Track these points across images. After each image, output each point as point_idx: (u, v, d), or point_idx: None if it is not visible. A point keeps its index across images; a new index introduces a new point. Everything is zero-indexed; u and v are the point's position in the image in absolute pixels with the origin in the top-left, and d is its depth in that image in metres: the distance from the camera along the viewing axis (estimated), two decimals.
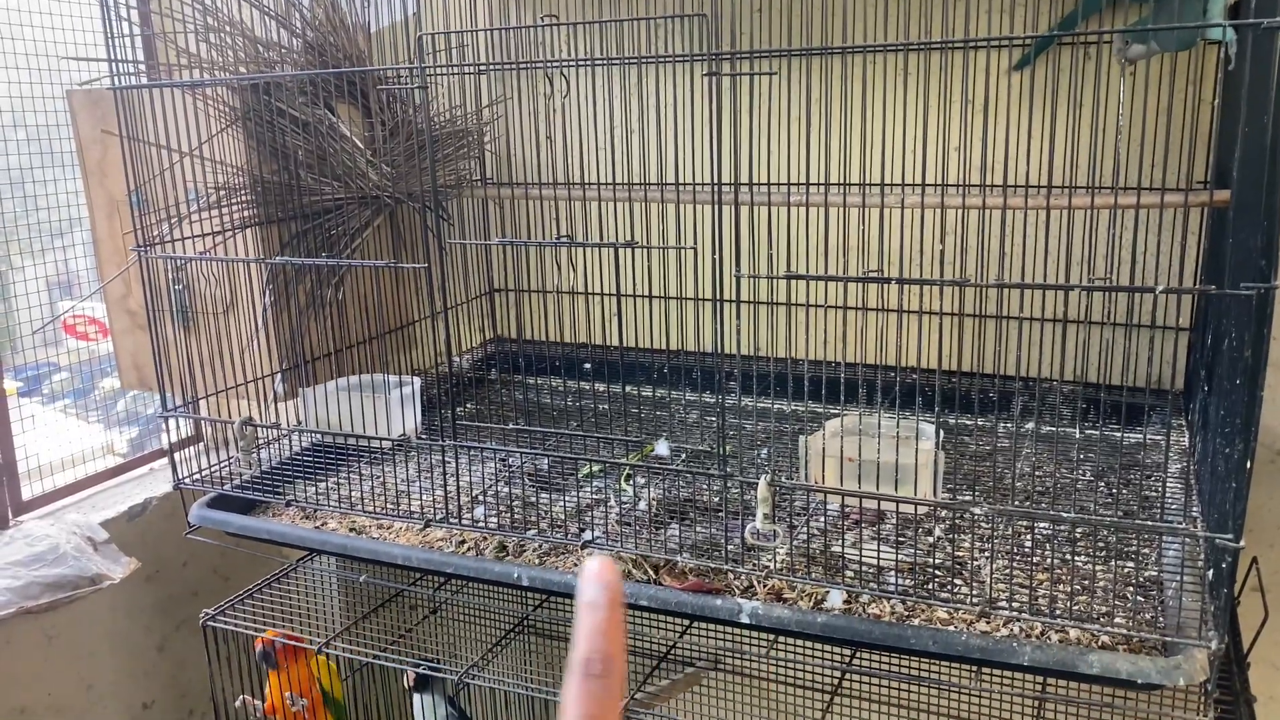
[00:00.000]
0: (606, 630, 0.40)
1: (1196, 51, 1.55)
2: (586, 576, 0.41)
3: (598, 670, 0.39)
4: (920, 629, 1.19)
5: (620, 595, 0.41)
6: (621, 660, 0.40)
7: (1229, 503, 1.06)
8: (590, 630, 0.40)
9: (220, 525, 1.59)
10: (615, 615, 0.40)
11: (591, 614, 0.40)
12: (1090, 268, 1.43)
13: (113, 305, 1.95)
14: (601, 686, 0.39)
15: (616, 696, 0.39)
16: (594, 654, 0.40)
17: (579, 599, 0.41)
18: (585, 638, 0.40)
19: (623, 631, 0.41)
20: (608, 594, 0.41)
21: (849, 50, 1.20)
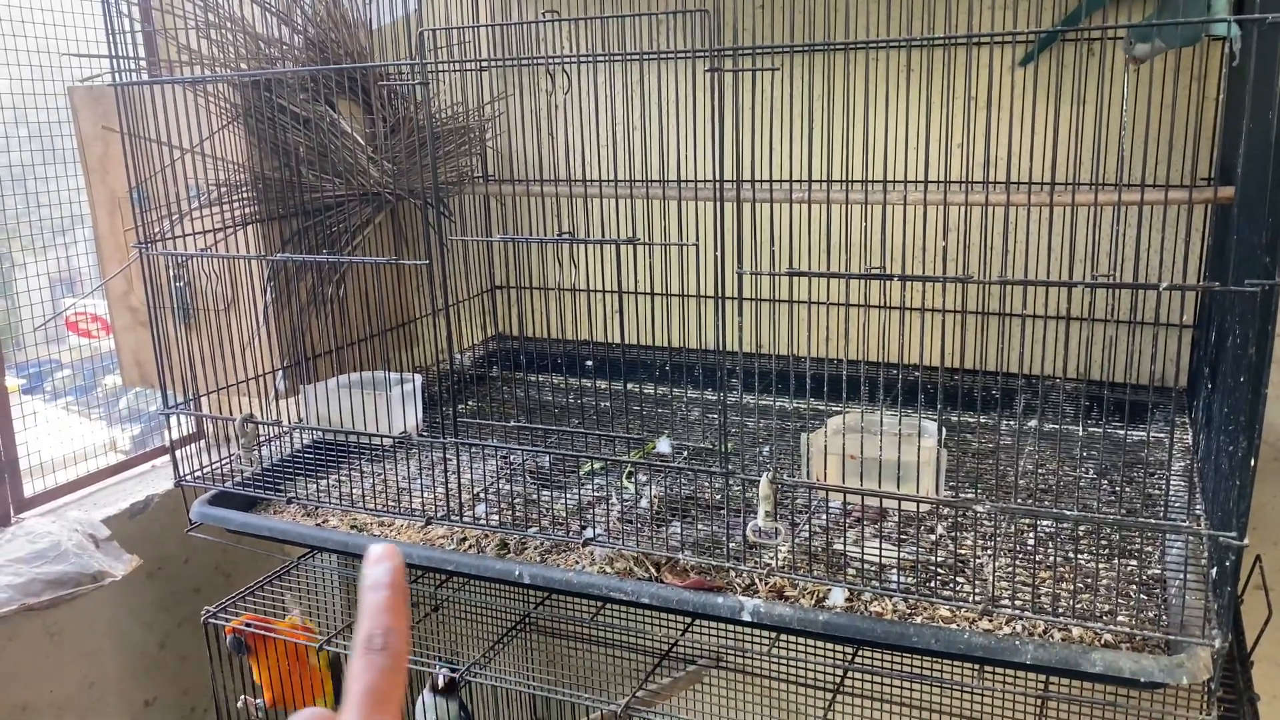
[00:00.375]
0: (389, 608, 0.43)
1: (1200, 47, 1.55)
2: (370, 560, 0.44)
3: (379, 644, 0.42)
4: (922, 627, 1.18)
5: (402, 577, 0.44)
6: (404, 635, 0.43)
7: (1233, 500, 1.05)
8: (373, 609, 0.43)
9: (221, 522, 1.59)
10: (397, 595, 0.43)
11: (374, 594, 0.43)
12: (1094, 264, 1.43)
13: (114, 302, 1.95)
14: (384, 659, 0.42)
15: (400, 669, 0.42)
16: (376, 629, 0.42)
17: (362, 582, 0.44)
18: (369, 616, 0.43)
19: (406, 610, 0.43)
20: (390, 575, 0.44)
21: (851, 46, 1.19)
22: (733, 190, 1.22)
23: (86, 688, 1.93)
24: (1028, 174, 1.51)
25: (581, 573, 1.36)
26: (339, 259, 1.60)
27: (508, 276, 2.18)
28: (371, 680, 0.41)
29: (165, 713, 2.11)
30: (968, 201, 1.24)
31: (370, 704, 0.41)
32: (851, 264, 1.23)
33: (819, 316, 1.38)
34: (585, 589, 1.35)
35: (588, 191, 1.63)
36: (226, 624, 1.60)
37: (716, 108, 1.19)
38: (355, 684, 0.41)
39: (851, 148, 1.22)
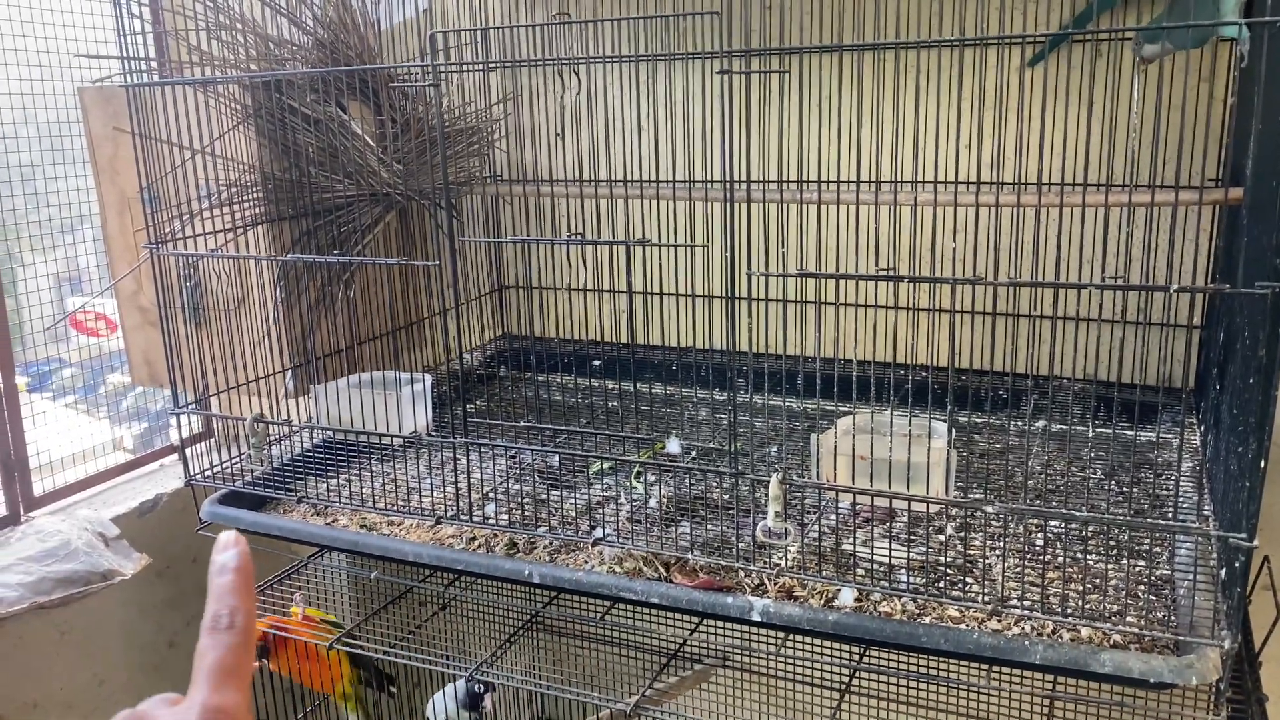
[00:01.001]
0: (234, 589, 0.45)
1: (1210, 49, 1.55)
2: (218, 548, 0.47)
3: (226, 624, 0.44)
4: (932, 627, 1.18)
5: (248, 562, 0.47)
6: (250, 614, 0.45)
7: (1242, 501, 1.05)
8: (220, 590, 0.45)
9: (232, 521, 1.59)
10: (241, 577, 0.45)
11: (221, 577, 0.45)
12: (1103, 265, 1.43)
13: (124, 302, 1.95)
14: (231, 637, 0.44)
15: (247, 646, 0.44)
16: (223, 609, 0.44)
17: (211, 568, 0.46)
18: (215, 597, 0.45)
19: (250, 591, 0.46)
20: (236, 560, 0.46)
21: (861, 48, 1.20)
22: (743, 191, 1.22)
23: (96, 685, 1.94)
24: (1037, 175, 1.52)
25: (591, 572, 1.36)
26: (349, 259, 1.60)
27: (516, 277, 2.18)
28: (219, 656, 0.43)
29: None
30: (977, 203, 1.25)
31: (219, 677, 0.42)
32: (860, 265, 1.23)
33: (828, 317, 1.38)
34: (595, 589, 1.35)
35: (598, 192, 1.64)
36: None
37: (726, 109, 1.19)
38: (203, 660, 0.43)
39: (860, 149, 1.22)
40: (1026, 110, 1.60)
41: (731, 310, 1.25)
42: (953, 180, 1.32)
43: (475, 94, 1.99)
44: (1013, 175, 1.58)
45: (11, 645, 1.77)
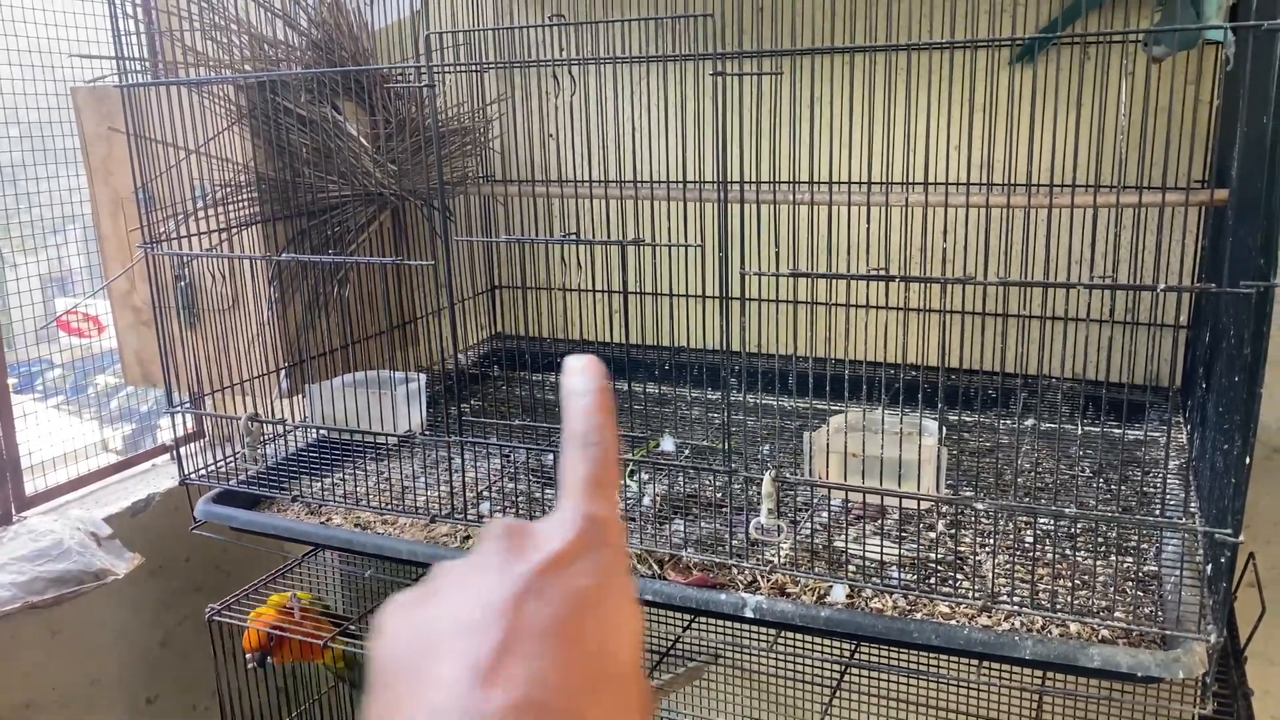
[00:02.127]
0: (597, 408, 0.44)
1: (1196, 51, 1.57)
2: (571, 370, 0.46)
3: (594, 439, 0.43)
4: (922, 623, 1.20)
5: (605, 380, 0.46)
6: (613, 432, 0.44)
7: (1228, 498, 1.07)
8: (582, 410, 0.44)
9: (226, 520, 1.60)
10: (602, 397, 0.45)
11: (581, 398, 0.45)
12: (1091, 266, 1.45)
13: (117, 302, 1.96)
14: (599, 452, 0.43)
15: (613, 461, 0.43)
16: (588, 428, 0.44)
17: (565, 390, 0.45)
18: (578, 417, 0.44)
19: (611, 410, 0.45)
20: (594, 381, 0.45)
21: (850, 50, 1.21)
22: (735, 192, 1.23)
23: (89, 685, 1.94)
24: (1025, 176, 1.53)
25: None
26: (343, 259, 1.61)
27: (509, 277, 2.19)
28: (590, 470, 0.42)
29: (167, 710, 2.12)
30: (967, 203, 1.26)
31: (590, 489, 0.42)
32: (852, 265, 1.24)
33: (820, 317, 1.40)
34: None
35: (592, 192, 1.65)
36: (244, 634, 1.61)
37: (719, 110, 1.20)
38: (574, 473, 0.42)
39: (851, 150, 1.23)
40: (1016, 112, 1.61)
41: (725, 310, 1.26)
42: (943, 181, 1.33)
43: (469, 95, 2.00)
44: (1002, 176, 1.59)
45: (4, 645, 1.77)
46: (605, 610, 0.38)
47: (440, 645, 0.36)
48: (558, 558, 0.38)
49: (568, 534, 0.39)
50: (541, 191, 1.81)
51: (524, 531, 0.40)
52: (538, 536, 0.39)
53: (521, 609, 0.36)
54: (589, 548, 0.39)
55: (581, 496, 0.42)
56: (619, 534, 0.41)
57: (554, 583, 0.37)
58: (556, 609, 0.36)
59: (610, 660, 0.37)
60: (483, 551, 0.39)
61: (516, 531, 0.40)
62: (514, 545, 0.39)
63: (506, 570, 0.37)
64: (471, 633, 0.35)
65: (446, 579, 0.39)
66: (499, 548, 0.39)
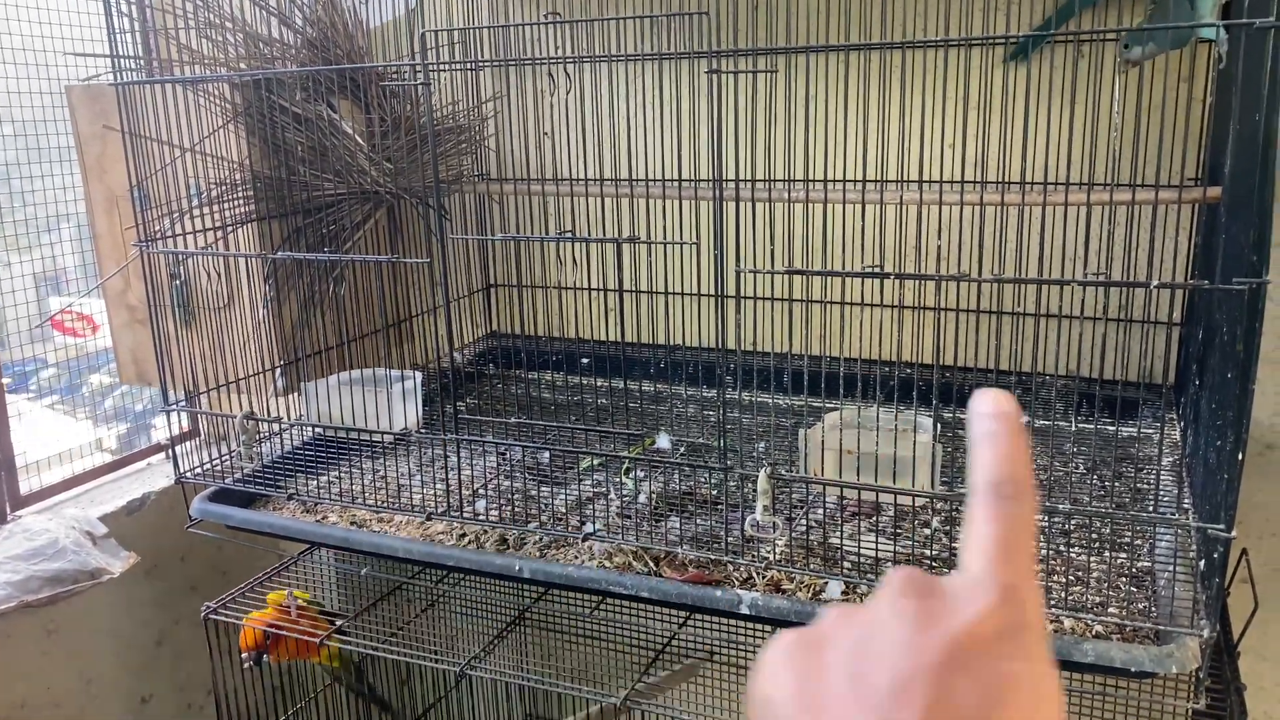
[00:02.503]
0: (1013, 455, 0.38)
1: (1189, 49, 1.57)
2: (979, 413, 0.39)
3: (1010, 492, 0.37)
4: None
5: (1020, 423, 0.39)
6: (1031, 486, 0.38)
7: (1221, 494, 1.08)
8: (997, 457, 0.38)
9: (222, 519, 1.60)
10: (1019, 441, 0.38)
11: (994, 442, 0.38)
12: (1085, 263, 1.45)
13: (112, 300, 1.95)
14: (1014, 507, 0.37)
15: (1031, 522, 0.37)
16: (1005, 477, 0.37)
17: (973, 432, 0.39)
18: (995, 461, 0.38)
19: (1028, 460, 0.38)
20: (1008, 423, 0.39)
21: (846, 48, 1.21)
22: (730, 190, 1.24)
23: (84, 684, 1.94)
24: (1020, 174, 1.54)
25: (581, 567, 1.37)
26: (339, 257, 1.61)
27: (505, 275, 2.19)
28: (1003, 530, 0.36)
29: (163, 709, 2.12)
30: (962, 201, 1.27)
31: (1002, 554, 0.36)
32: (848, 263, 1.25)
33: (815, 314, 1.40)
34: (585, 583, 1.36)
35: (588, 190, 1.65)
36: (239, 632, 1.61)
37: (714, 108, 1.21)
38: (981, 532, 0.36)
39: (847, 148, 1.24)
40: (1010, 110, 1.62)
41: (720, 307, 1.27)
42: (938, 179, 1.34)
43: (464, 93, 2.00)
44: (996, 174, 1.60)
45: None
46: (1034, 702, 0.32)
47: (837, 706, 0.32)
48: (979, 630, 0.33)
49: (988, 603, 0.34)
50: (537, 190, 1.81)
51: (933, 589, 0.35)
52: (951, 598, 0.34)
53: (945, 685, 0.31)
54: (1012, 624, 0.34)
55: (995, 560, 0.35)
56: (1040, 612, 0.35)
57: (980, 661, 0.32)
58: (986, 692, 0.31)
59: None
60: (884, 601, 0.35)
61: (924, 588, 0.35)
62: (924, 605, 0.34)
63: (920, 633, 0.33)
64: (882, 701, 0.31)
65: (841, 626, 0.35)
66: (906, 604, 0.34)
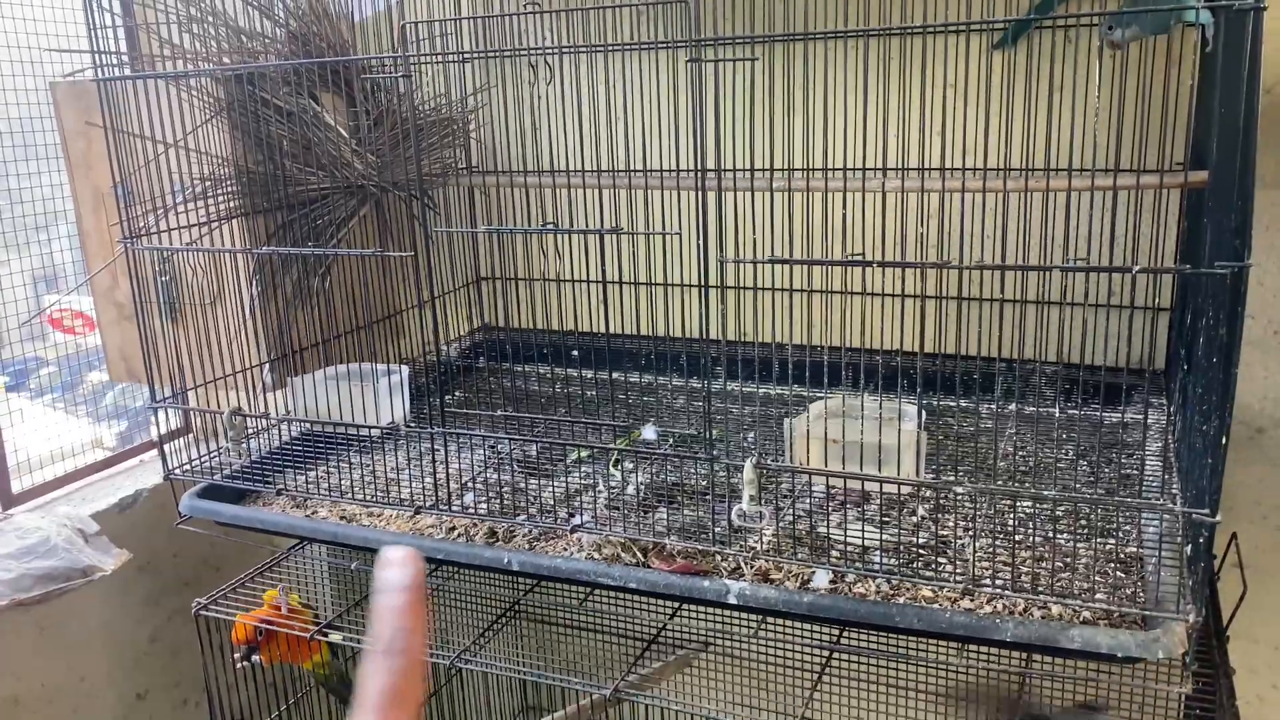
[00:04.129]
0: (405, 611, 0.43)
1: (1174, 33, 1.57)
2: (387, 563, 0.45)
3: (397, 647, 0.42)
4: (905, 607, 1.20)
5: (422, 581, 0.44)
6: (420, 638, 0.43)
7: (1206, 479, 1.07)
8: (390, 612, 0.43)
9: (211, 515, 1.60)
10: (414, 597, 0.43)
11: (392, 597, 0.43)
12: (1071, 249, 1.45)
13: (100, 297, 1.95)
14: (403, 661, 0.42)
15: (416, 671, 0.42)
16: (393, 633, 0.42)
17: (378, 583, 0.44)
18: (385, 619, 0.43)
19: (422, 615, 0.43)
20: (410, 579, 0.44)
21: (829, 35, 1.21)
22: (714, 179, 1.23)
23: (78, 681, 1.94)
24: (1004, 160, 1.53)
25: (570, 559, 1.37)
26: (324, 252, 1.61)
27: (492, 268, 2.19)
28: (390, 681, 0.41)
29: (156, 705, 2.12)
30: (945, 188, 1.26)
31: (390, 705, 0.41)
32: (832, 251, 1.24)
33: (801, 303, 1.40)
34: (574, 575, 1.36)
35: (570, 182, 1.64)
36: (232, 625, 1.61)
37: (697, 97, 1.20)
38: (372, 684, 0.41)
39: (830, 135, 1.23)
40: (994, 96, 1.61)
41: (705, 297, 1.26)
42: (921, 166, 1.33)
43: (449, 85, 1.99)
44: (982, 160, 1.59)
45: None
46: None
47: None
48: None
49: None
50: (522, 182, 1.81)
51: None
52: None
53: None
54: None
55: (377, 713, 0.41)
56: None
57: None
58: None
59: None
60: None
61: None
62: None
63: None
64: None
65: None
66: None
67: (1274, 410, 1.68)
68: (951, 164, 1.67)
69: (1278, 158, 1.50)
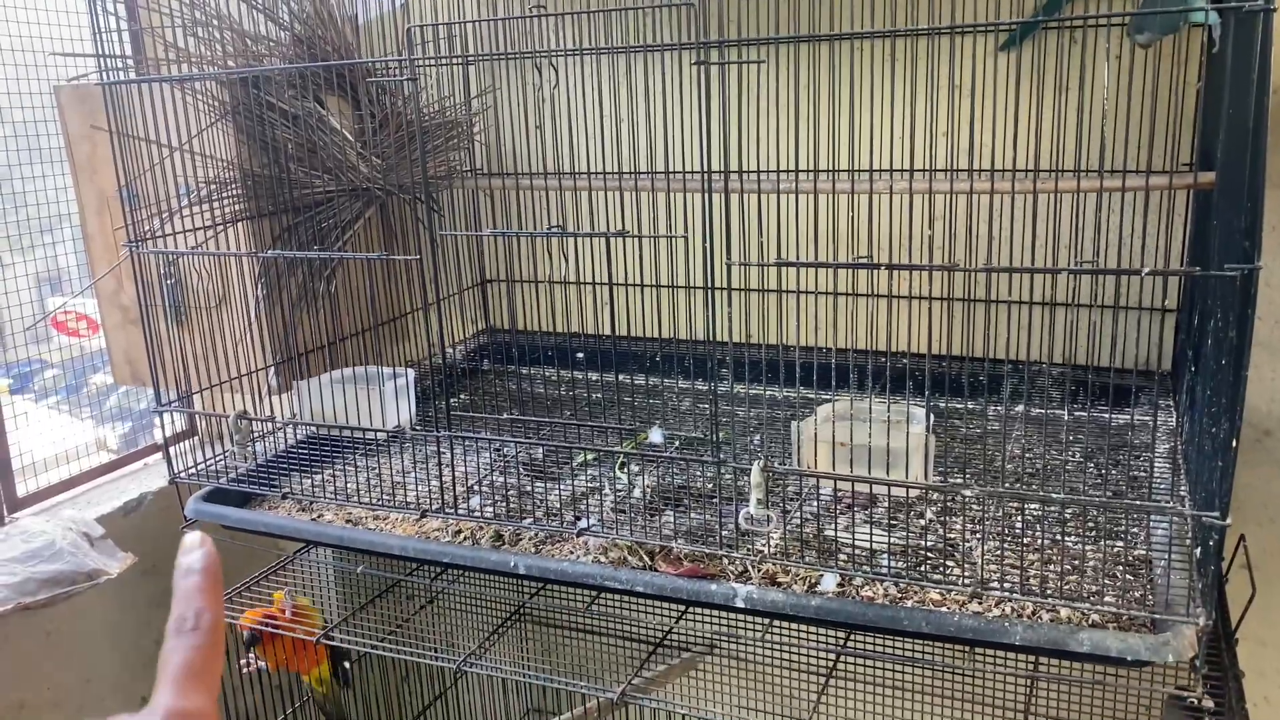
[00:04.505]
0: (201, 590, 0.44)
1: (1182, 34, 1.56)
2: (183, 549, 0.46)
3: (191, 625, 0.43)
4: (913, 611, 1.20)
5: (215, 563, 0.46)
6: (217, 618, 0.44)
7: (1216, 481, 1.07)
8: (186, 592, 0.45)
9: (217, 519, 1.60)
10: (208, 579, 0.45)
11: (187, 579, 0.45)
12: (1079, 251, 1.44)
13: (105, 301, 1.95)
14: (197, 638, 0.43)
15: (216, 648, 0.43)
16: (189, 611, 0.44)
17: (176, 569, 0.46)
18: (181, 600, 0.44)
19: (217, 594, 0.45)
20: (202, 560, 0.46)
21: (836, 38, 1.21)
22: (721, 181, 1.23)
23: (83, 684, 1.94)
24: (1012, 162, 1.53)
25: (576, 563, 1.37)
26: (329, 255, 1.60)
27: (498, 270, 2.18)
28: (184, 658, 0.42)
29: None
30: (953, 189, 1.26)
31: (184, 680, 0.42)
32: (840, 253, 1.24)
33: (808, 305, 1.39)
34: (580, 578, 1.36)
35: (577, 184, 1.64)
36: (238, 619, 1.61)
37: (704, 100, 1.20)
38: (168, 663, 0.43)
39: (838, 137, 1.23)
40: (1007, 98, 1.61)
41: (711, 300, 1.26)
42: (928, 168, 1.33)
43: (454, 88, 1.99)
44: (988, 162, 1.59)
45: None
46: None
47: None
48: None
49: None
50: (528, 185, 1.80)
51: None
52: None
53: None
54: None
55: (172, 689, 0.41)
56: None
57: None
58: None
59: None
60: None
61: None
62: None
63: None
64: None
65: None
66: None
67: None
68: (958, 165, 1.67)
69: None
